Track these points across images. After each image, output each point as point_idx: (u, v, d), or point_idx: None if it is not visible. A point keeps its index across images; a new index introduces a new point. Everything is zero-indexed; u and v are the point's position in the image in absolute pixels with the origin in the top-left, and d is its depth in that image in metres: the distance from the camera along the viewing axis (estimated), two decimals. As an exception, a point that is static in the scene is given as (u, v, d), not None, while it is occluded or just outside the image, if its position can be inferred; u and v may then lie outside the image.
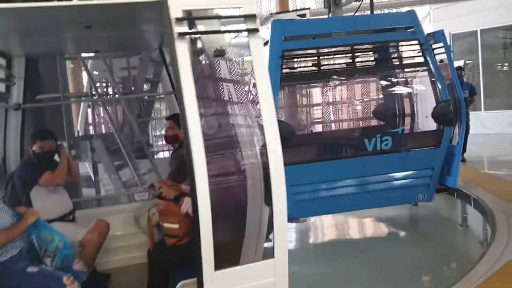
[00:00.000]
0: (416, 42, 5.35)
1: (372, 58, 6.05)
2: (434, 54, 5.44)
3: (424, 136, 5.87)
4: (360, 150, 5.19)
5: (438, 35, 5.51)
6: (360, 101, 6.42)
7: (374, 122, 6.27)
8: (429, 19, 14.16)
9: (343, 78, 5.77)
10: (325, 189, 5.20)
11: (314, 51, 5.57)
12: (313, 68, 5.58)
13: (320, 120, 6.17)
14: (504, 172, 7.76)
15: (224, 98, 2.54)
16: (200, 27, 2.31)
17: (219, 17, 2.30)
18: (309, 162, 5.13)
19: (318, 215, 5.72)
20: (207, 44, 2.40)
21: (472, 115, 13.13)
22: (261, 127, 2.18)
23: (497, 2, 11.71)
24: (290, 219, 5.07)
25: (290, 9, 15.29)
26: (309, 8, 6.03)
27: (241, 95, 2.49)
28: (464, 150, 8.77)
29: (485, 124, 12.30)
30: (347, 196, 5.26)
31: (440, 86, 5.28)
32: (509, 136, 11.12)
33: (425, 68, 5.46)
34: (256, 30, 2.15)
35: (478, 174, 7.65)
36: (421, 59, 5.37)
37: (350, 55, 5.45)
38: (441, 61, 8.49)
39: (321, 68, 5.69)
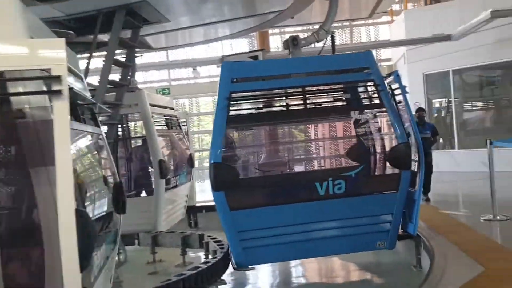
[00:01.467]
0: (372, 83, 5.18)
1: (326, 100, 5.87)
2: (394, 95, 5.34)
3: (380, 180, 5.61)
4: (311, 194, 4.88)
5: (394, 76, 5.42)
6: (312, 143, 6.25)
7: (325, 165, 6.09)
8: (403, 60, 14.51)
9: (294, 120, 5.69)
10: (275, 235, 4.90)
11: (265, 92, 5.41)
12: (262, 110, 5.41)
13: (269, 162, 6.04)
14: (462, 212, 7.83)
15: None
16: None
17: (19, 79, 2.23)
18: (257, 207, 4.87)
19: (268, 262, 5.39)
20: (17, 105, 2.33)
21: (447, 153, 13.49)
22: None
23: (468, 45, 12.07)
24: (239, 266, 4.96)
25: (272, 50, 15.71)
26: (263, 49, 5.96)
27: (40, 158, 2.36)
28: (428, 189, 8.91)
29: (459, 163, 12.45)
30: (299, 243, 4.96)
31: (396, 128, 5.00)
32: (481, 174, 11.20)
33: (381, 109, 5.29)
34: (59, 92, 2.07)
35: (437, 214, 7.72)
36: (378, 101, 5.16)
37: (302, 96, 5.27)
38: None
39: (271, 110, 5.60)
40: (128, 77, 7.30)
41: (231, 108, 4.91)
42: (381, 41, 17.00)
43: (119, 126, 8.22)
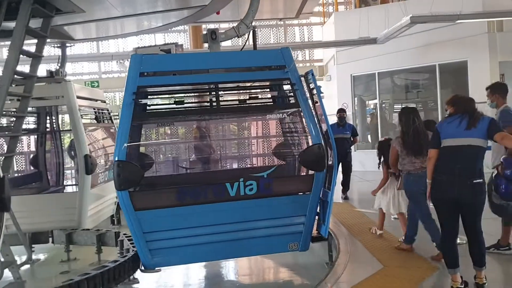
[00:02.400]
0: (287, 81, 5.02)
1: (240, 98, 5.65)
2: (313, 95, 5.10)
3: (293, 181, 5.49)
4: (221, 195, 4.77)
5: (310, 76, 5.16)
6: (223, 142, 6.05)
7: (237, 165, 5.91)
8: (333, 61, 14.84)
9: (204, 118, 5.57)
10: (183, 237, 4.77)
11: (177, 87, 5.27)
12: (171, 106, 5.24)
13: (176, 161, 5.86)
14: (375, 211, 8.08)
15: None
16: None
17: None
18: (163, 207, 4.71)
19: (176, 264, 5.21)
20: None
21: (372, 153, 13.95)
22: None
23: (393, 48, 12.52)
24: (145, 268, 4.82)
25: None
26: (176, 43, 5.65)
27: None
28: (346, 188, 9.16)
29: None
30: (209, 245, 4.84)
31: (311, 129, 4.91)
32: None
33: (296, 109, 5.19)
34: None
35: (352, 212, 7.92)
36: (293, 100, 5.01)
37: (214, 93, 5.05)
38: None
39: (180, 107, 5.33)
40: (57, 68, 7.16)
41: (138, 104, 4.71)
42: (311, 41, 17.34)
43: (48, 118, 7.94)
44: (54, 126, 8.14)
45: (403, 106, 5.10)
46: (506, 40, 11.48)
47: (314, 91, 5.10)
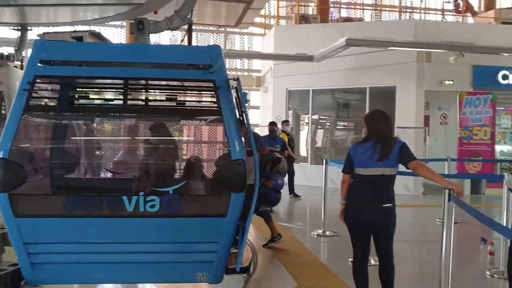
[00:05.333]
0: (211, 84, 4.29)
1: (154, 98, 5.12)
2: (241, 104, 4.56)
3: (205, 201, 4.66)
4: (116, 209, 4.11)
5: (237, 83, 4.52)
6: (125, 147, 5.15)
7: (139, 176, 4.99)
8: (270, 73, 14.95)
9: (107, 118, 4.83)
10: (72, 252, 4.14)
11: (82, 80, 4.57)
12: (70, 101, 4.60)
13: (68, 164, 4.94)
14: (298, 226, 8.13)
15: None
16: None
17: None
18: (49, 215, 4.07)
19: (63, 283, 4.45)
20: None
21: (300, 167, 14.16)
22: None
23: (327, 67, 12.80)
24: (28, 283, 4.16)
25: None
26: (91, 31, 5.09)
27: None
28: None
29: (309, 177, 13.03)
30: (102, 265, 4.21)
31: (233, 142, 4.16)
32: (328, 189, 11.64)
33: (217, 117, 4.40)
34: None
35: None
36: (216, 106, 4.27)
37: (123, 91, 4.33)
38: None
39: (81, 103, 4.72)
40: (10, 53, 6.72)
41: (34, 95, 4.11)
42: (250, 51, 17.42)
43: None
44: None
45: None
46: (433, 70, 12.10)
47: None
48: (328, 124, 15.12)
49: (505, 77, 12.28)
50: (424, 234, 7.80)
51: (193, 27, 5.40)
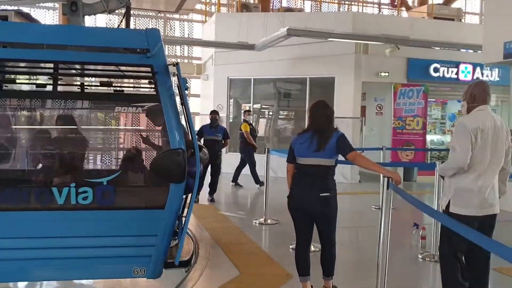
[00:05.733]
0: (149, 69, 4.11)
1: (86, 83, 4.87)
2: (182, 91, 4.29)
3: (142, 193, 4.48)
4: (46, 202, 3.89)
5: (177, 68, 4.29)
6: (54, 135, 4.72)
7: (70, 166, 4.61)
8: (211, 61, 14.79)
9: (33, 103, 4.51)
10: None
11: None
12: None
13: None
14: (240, 215, 8.15)
15: None
16: None
17: None
18: None
19: None
20: None
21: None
22: None
23: (269, 56, 12.84)
24: None
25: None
26: (18, 10, 4.70)
27: None
28: (213, 190, 9.14)
29: (233, 166, 12.98)
30: (30, 262, 3.95)
31: (172, 130, 4.01)
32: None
33: (156, 104, 4.21)
34: None
35: (216, 215, 7.87)
36: (154, 93, 4.10)
37: (52, 74, 4.06)
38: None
39: (4, 88, 4.35)
40: None
41: None
42: (191, 38, 17.13)
43: None
44: None
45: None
46: (370, 62, 12.48)
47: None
48: (270, 113, 15.22)
49: (436, 70, 12.92)
50: (360, 220, 8.08)
51: (132, 11, 5.20)
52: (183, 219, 4.33)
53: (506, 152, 3.68)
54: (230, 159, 13.20)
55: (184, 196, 4.38)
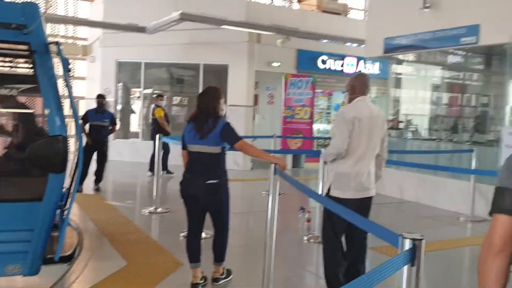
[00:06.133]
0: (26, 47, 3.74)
1: None
2: (66, 73, 3.89)
3: (16, 183, 4.07)
4: None
5: (58, 47, 3.91)
6: None
7: None
8: (99, 43, 14.00)
9: None
10: None
11: None
12: None
13: None
14: (128, 204, 7.89)
15: None
16: None
17: None
18: None
19: None
20: None
21: (131, 143, 13.73)
22: None
23: (161, 40, 12.47)
24: None
25: None
26: None
27: None
28: (100, 179, 8.69)
29: (142, 153, 12.66)
30: None
31: (51, 115, 3.67)
32: (139, 164, 11.09)
33: (33, 86, 3.85)
34: None
35: (102, 205, 7.52)
36: (31, 73, 3.78)
37: None
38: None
39: None
40: None
41: None
42: (76, 17, 16.05)
43: None
44: None
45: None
46: (262, 51, 12.72)
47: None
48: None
49: (324, 61, 13.59)
50: (251, 206, 8.27)
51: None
52: (65, 212, 4.04)
53: (382, 139, 3.97)
54: (118, 146, 12.71)
55: (66, 187, 4.08)
